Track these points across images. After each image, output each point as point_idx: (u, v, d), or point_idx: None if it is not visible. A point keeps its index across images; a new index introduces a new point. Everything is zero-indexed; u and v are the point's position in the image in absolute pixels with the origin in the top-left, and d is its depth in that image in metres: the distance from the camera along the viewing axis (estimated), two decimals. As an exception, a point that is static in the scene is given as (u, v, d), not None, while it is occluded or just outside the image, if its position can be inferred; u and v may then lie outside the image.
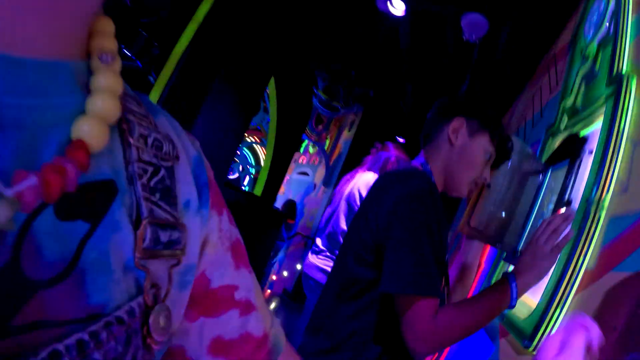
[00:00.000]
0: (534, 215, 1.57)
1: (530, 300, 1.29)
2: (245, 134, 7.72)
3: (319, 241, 2.66)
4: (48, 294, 0.26)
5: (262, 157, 8.43)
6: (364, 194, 2.69)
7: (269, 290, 6.10)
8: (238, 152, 8.27)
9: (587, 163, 1.24)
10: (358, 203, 2.60)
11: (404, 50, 3.85)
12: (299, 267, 6.03)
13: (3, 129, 0.25)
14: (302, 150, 7.78)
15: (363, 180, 2.72)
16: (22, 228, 0.25)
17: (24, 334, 0.25)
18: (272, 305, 5.44)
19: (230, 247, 0.44)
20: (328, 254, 2.59)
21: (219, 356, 0.44)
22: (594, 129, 1.30)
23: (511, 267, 1.12)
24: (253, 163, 8.81)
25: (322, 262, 2.58)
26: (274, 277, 6.24)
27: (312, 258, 2.63)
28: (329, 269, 2.22)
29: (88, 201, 0.29)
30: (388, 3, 3.12)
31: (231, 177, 8.55)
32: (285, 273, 6.32)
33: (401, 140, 6.05)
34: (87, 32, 0.31)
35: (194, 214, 0.39)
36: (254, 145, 8.69)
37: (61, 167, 0.25)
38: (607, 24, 1.54)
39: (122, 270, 0.31)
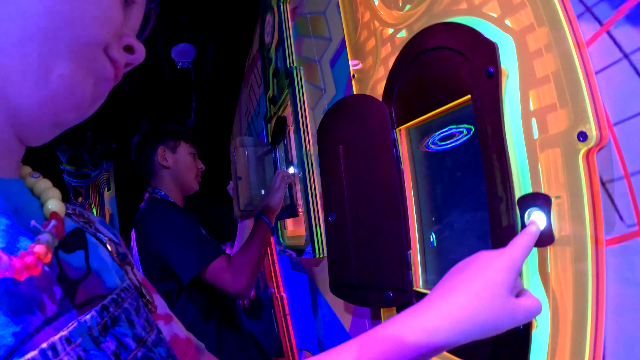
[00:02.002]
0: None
1: (299, 230, 1.79)
2: None
3: None
4: (84, 284, 0.41)
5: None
6: None
7: None
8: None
9: (292, 132, 1.76)
10: None
11: (129, 93, 4.03)
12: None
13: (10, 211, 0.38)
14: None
15: None
16: (55, 255, 0.39)
17: (83, 307, 0.38)
18: None
19: (142, 280, 0.56)
20: None
21: None
22: (288, 109, 1.79)
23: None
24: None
25: None
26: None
27: None
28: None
29: (74, 240, 0.44)
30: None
31: None
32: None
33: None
34: None
35: None
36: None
37: (57, 220, 0.40)
38: (277, 31, 1.94)
39: (113, 269, 0.47)
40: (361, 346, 0.50)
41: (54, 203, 0.43)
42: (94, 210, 6.60)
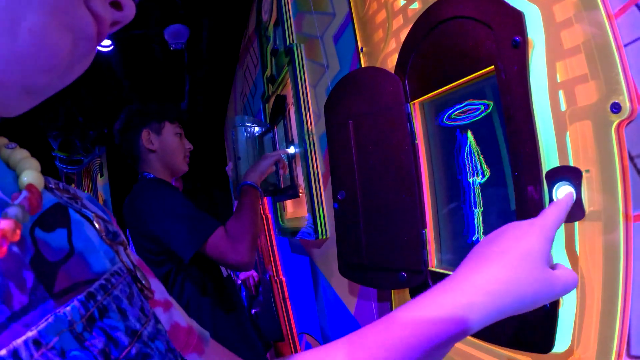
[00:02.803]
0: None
1: (299, 212, 1.77)
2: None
3: None
4: (66, 267, 0.35)
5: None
6: None
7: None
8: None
9: (292, 111, 1.73)
10: None
11: (122, 78, 3.97)
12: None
13: None
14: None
15: None
16: (30, 234, 0.34)
17: (63, 296, 0.32)
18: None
19: (138, 263, 0.50)
20: None
21: None
22: (288, 88, 1.75)
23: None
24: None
25: None
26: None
27: None
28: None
29: (55, 217, 0.38)
30: (95, 45, 3.22)
31: None
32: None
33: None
34: None
35: None
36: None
37: (31, 192, 0.34)
38: (276, 9, 1.90)
39: (102, 250, 0.41)
40: (388, 328, 0.47)
41: (29, 174, 0.37)
42: (87, 196, 6.48)
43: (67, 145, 5.88)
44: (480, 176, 0.79)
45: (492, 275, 0.49)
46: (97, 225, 0.42)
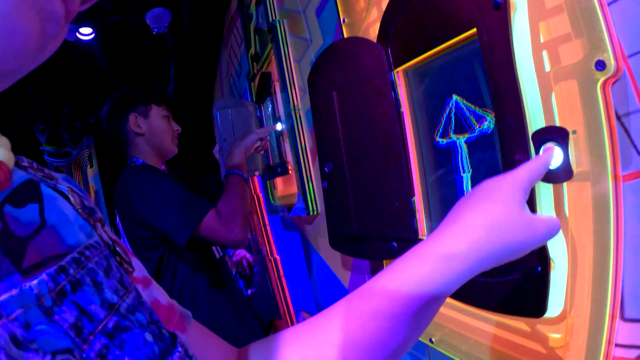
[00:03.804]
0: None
1: (290, 189, 1.77)
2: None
3: None
4: (36, 241, 0.34)
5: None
6: None
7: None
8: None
9: (278, 88, 1.71)
10: None
11: (105, 66, 3.91)
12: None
13: None
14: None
15: None
16: None
17: (33, 272, 0.31)
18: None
19: (116, 242, 0.48)
20: None
21: None
22: (273, 65, 1.73)
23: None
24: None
25: None
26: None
27: None
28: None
29: (26, 192, 0.37)
30: (77, 33, 3.14)
31: None
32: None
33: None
34: None
35: None
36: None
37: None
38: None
39: (77, 223, 0.39)
40: (373, 294, 0.48)
41: (2, 152, 0.35)
42: (78, 188, 6.36)
43: (55, 139, 5.81)
44: (466, 138, 0.78)
45: (469, 222, 0.50)
46: (72, 198, 0.41)
